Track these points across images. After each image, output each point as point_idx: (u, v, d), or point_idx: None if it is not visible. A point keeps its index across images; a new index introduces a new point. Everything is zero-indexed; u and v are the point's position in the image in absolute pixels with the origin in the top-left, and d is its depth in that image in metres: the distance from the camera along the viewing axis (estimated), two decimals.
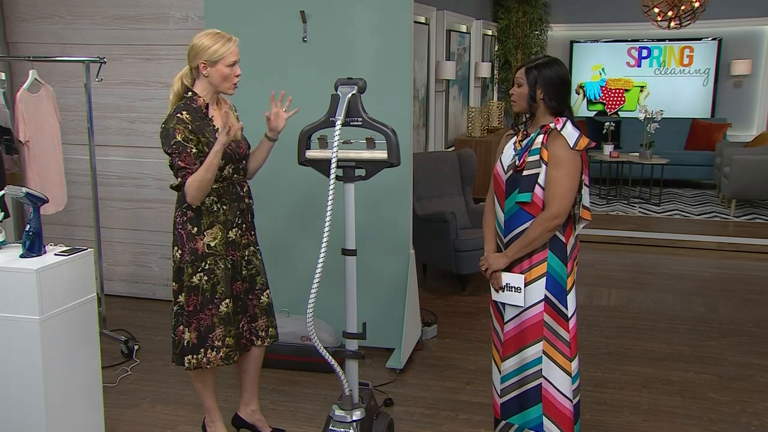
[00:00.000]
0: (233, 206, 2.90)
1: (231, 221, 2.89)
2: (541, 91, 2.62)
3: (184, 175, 2.73)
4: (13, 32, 4.99)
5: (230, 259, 2.91)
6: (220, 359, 2.91)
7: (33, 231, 2.72)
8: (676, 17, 7.92)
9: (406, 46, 3.85)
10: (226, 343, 2.91)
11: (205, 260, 2.84)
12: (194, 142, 2.75)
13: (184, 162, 2.73)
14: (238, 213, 2.92)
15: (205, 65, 2.77)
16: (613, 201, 8.88)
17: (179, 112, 2.78)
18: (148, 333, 4.47)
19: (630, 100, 10.95)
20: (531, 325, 2.67)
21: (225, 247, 2.88)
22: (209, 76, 2.80)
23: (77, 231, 5.04)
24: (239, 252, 2.95)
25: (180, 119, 2.76)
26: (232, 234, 2.90)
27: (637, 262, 6.39)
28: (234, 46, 2.79)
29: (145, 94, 4.82)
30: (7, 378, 2.68)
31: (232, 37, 2.81)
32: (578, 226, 2.73)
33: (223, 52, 2.75)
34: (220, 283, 2.87)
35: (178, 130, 2.73)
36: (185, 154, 2.73)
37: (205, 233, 2.84)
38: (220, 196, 2.86)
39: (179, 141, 2.72)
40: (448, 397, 3.68)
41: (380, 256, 4.00)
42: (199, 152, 2.75)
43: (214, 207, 2.85)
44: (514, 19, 10.12)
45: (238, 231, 2.93)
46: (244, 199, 2.96)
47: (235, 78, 2.82)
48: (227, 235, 2.89)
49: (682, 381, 3.86)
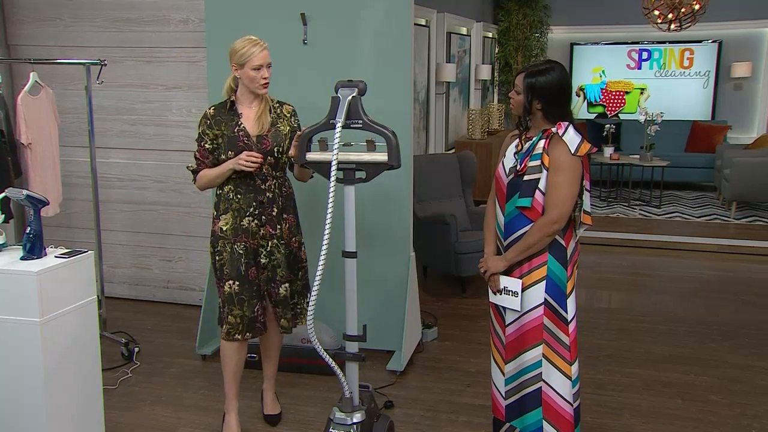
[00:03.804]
0: (249, 197, 3.07)
1: (245, 210, 3.08)
2: (537, 101, 2.61)
3: (198, 164, 3.13)
4: (14, 35, 4.99)
5: (242, 245, 3.09)
6: (224, 334, 3.15)
7: (34, 233, 2.72)
8: (676, 19, 7.93)
9: (406, 48, 3.86)
10: (228, 320, 3.12)
11: (218, 242, 3.12)
12: (210, 136, 3.07)
13: (199, 154, 3.11)
14: (254, 204, 3.08)
15: (235, 67, 3.04)
16: (614, 203, 8.88)
17: (209, 108, 3.15)
18: (149, 335, 4.47)
19: (630, 103, 10.96)
20: (531, 328, 2.67)
21: (236, 233, 3.08)
22: (240, 78, 3.05)
23: (78, 233, 5.04)
24: (254, 240, 3.10)
25: (205, 114, 3.13)
26: (245, 222, 3.08)
27: (638, 265, 6.39)
28: (259, 50, 3.00)
29: (146, 97, 4.82)
30: (7, 380, 2.68)
31: (260, 41, 3.03)
32: (579, 230, 2.72)
33: (248, 55, 2.99)
34: (226, 265, 3.09)
35: (200, 123, 3.12)
36: (200, 147, 3.10)
37: (220, 218, 3.11)
38: (237, 186, 3.08)
39: (199, 134, 3.12)
40: (448, 399, 3.67)
41: (381, 258, 4.00)
42: (215, 146, 3.08)
43: (230, 195, 3.09)
44: (514, 21, 10.13)
45: (253, 221, 3.09)
46: (265, 193, 3.08)
47: (262, 80, 3.03)
48: (240, 223, 3.08)
49: (683, 383, 3.86)
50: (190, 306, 4.94)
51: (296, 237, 3.23)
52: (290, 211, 3.21)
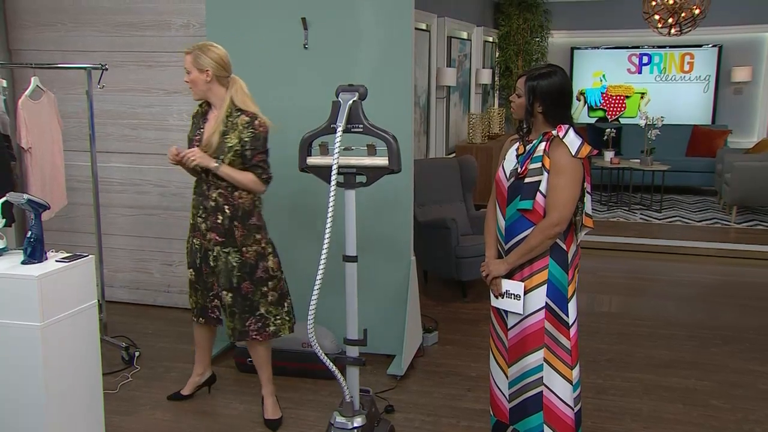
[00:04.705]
0: (198, 200, 3.30)
1: (197, 210, 3.31)
2: (539, 104, 2.63)
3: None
4: (16, 39, 5.00)
5: (198, 241, 3.33)
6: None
7: (34, 237, 2.73)
8: (676, 24, 7.94)
9: (407, 52, 3.86)
10: (190, 302, 3.51)
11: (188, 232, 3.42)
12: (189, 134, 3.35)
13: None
14: (201, 208, 3.28)
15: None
16: (614, 207, 8.88)
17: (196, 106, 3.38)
18: (149, 340, 4.47)
19: (631, 107, 10.97)
20: (532, 332, 2.67)
21: (193, 228, 3.36)
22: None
23: (78, 237, 5.03)
24: (203, 240, 3.30)
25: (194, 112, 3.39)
26: (198, 221, 3.31)
27: (638, 269, 6.38)
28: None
29: (147, 101, 4.83)
30: (8, 384, 2.68)
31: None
32: (580, 233, 2.73)
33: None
34: (187, 253, 3.42)
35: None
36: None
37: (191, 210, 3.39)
38: (195, 185, 3.34)
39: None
40: (449, 404, 3.67)
41: (381, 262, 4.00)
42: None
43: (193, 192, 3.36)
44: (514, 25, 10.14)
45: (202, 222, 3.29)
46: (209, 200, 3.24)
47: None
48: (196, 220, 3.33)
49: (684, 388, 3.86)
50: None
51: (253, 248, 3.25)
52: (242, 222, 3.23)
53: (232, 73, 3.25)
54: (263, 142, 3.19)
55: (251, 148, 3.15)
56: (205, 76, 3.16)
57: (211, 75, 3.16)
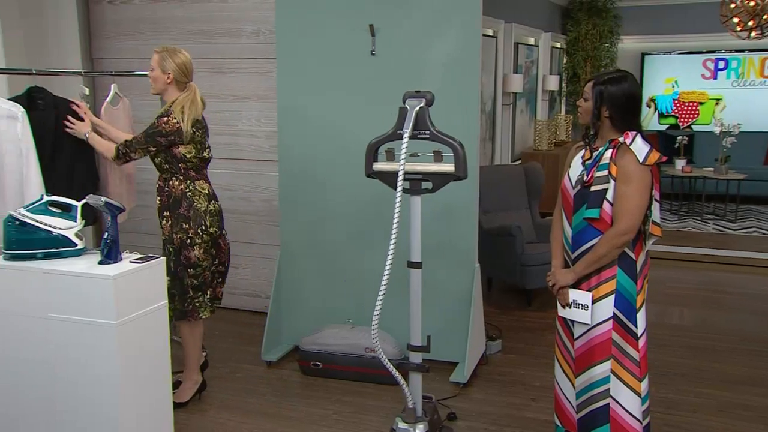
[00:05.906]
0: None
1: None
2: (606, 109, 2.58)
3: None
4: (98, 49, 5.22)
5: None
6: None
7: (111, 239, 2.82)
8: (757, 27, 7.63)
9: (474, 59, 3.84)
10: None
11: None
12: None
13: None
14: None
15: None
16: (685, 217, 8.60)
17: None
18: (215, 341, 4.56)
19: (704, 114, 10.60)
20: (599, 343, 2.61)
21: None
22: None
23: (149, 239, 5.18)
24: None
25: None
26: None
27: (712, 281, 6.16)
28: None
29: (218, 107, 4.95)
30: (85, 380, 2.77)
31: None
32: (648, 242, 2.66)
33: None
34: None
35: None
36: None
37: None
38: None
39: None
40: (512, 413, 3.62)
41: (445, 269, 3.98)
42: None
43: None
44: (583, 31, 9.96)
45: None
46: (156, 184, 3.52)
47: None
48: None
49: (764, 407, 3.68)
50: (256, 313, 5.02)
51: (178, 236, 3.46)
52: (169, 211, 3.46)
53: (192, 80, 3.52)
54: (155, 133, 3.39)
55: (144, 130, 3.43)
56: (166, 78, 3.43)
57: (172, 78, 3.43)
